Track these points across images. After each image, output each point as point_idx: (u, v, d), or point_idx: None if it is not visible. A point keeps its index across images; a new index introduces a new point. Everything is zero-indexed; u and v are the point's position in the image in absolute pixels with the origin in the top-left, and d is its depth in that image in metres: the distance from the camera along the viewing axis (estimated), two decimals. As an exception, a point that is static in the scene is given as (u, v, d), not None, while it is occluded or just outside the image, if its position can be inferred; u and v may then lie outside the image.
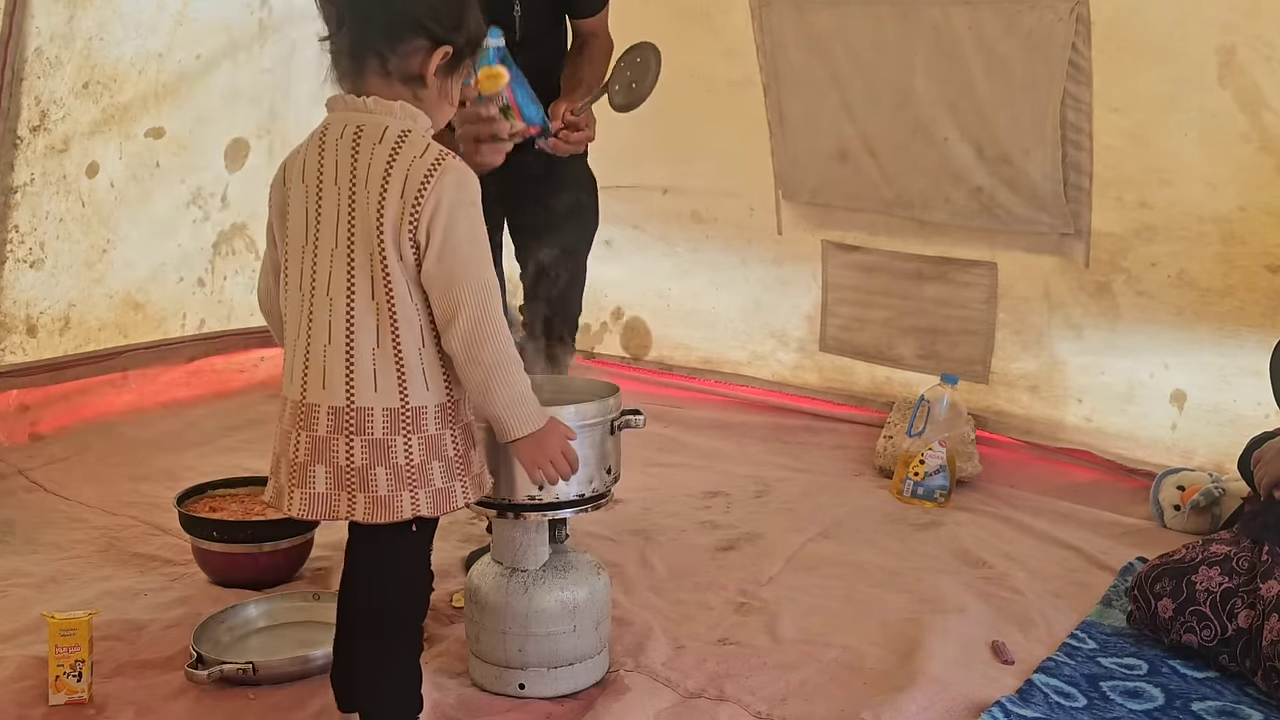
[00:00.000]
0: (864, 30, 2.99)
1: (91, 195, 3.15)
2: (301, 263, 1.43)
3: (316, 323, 1.42)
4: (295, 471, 1.44)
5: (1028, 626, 2.12)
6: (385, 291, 1.39)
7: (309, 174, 1.43)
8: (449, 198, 1.38)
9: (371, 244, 1.39)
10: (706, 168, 3.49)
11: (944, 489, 2.81)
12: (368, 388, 1.40)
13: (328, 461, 1.42)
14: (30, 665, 1.85)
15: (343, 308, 1.40)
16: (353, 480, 1.42)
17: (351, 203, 1.40)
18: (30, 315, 3.08)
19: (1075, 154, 2.77)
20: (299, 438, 1.43)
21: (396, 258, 1.39)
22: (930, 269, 3.15)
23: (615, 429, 1.84)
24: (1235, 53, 2.50)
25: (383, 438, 1.41)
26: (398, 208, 1.37)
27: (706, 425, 3.36)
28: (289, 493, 1.45)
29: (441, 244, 1.38)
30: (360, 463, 1.41)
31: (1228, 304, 2.69)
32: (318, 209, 1.42)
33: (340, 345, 1.40)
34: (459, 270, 1.39)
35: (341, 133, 1.42)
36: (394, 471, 1.41)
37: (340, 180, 1.40)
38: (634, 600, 2.19)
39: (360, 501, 1.42)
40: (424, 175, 1.38)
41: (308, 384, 1.42)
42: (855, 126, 3.10)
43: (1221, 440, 2.70)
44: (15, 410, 3.01)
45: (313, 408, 1.42)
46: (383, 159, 1.38)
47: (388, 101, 1.42)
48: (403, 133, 1.41)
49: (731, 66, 3.28)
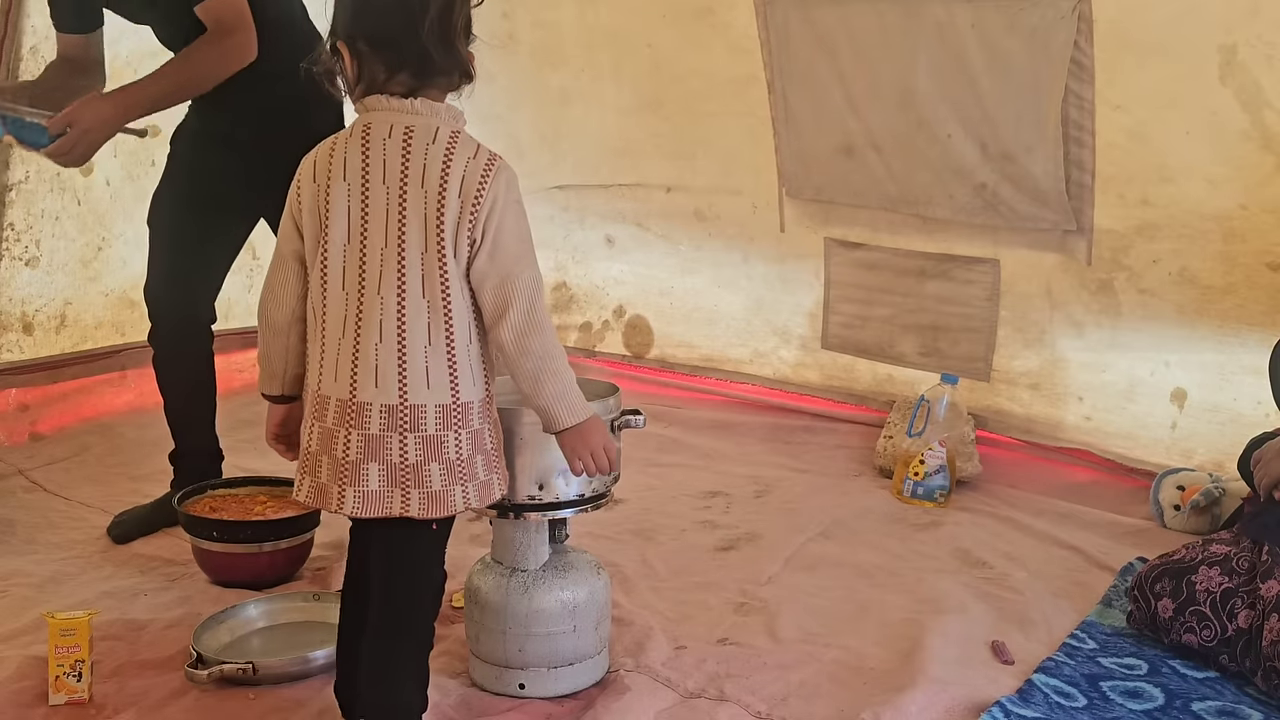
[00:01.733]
0: (868, 27, 2.99)
1: (87, 193, 3.15)
2: (345, 261, 1.44)
3: (366, 321, 1.43)
4: (345, 470, 1.44)
5: (1028, 626, 2.12)
6: (442, 289, 1.42)
7: (351, 172, 1.44)
8: (503, 197, 1.43)
9: (425, 242, 1.42)
10: (710, 165, 3.49)
11: (944, 489, 2.81)
12: (420, 385, 1.43)
13: (381, 459, 1.43)
14: (30, 665, 1.85)
15: (394, 306, 1.42)
16: (407, 477, 1.44)
17: (402, 201, 1.42)
18: (26, 313, 3.08)
19: (1077, 151, 2.77)
20: (348, 436, 1.44)
21: (453, 255, 1.42)
22: (932, 266, 3.14)
23: (615, 429, 1.84)
24: (1236, 51, 2.49)
25: (435, 434, 1.44)
26: (456, 206, 1.41)
27: (706, 425, 3.36)
28: (338, 491, 1.45)
29: (494, 241, 1.42)
30: (414, 459, 1.43)
31: (1229, 302, 2.69)
32: (363, 207, 1.43)
33: (392, 343, 1.42)
34: (512, 265, 1.43)
35: (389, 132, 1.43)
36: (446, 466, 1.45)
37: (389, 179, 1.42)
38: (634, 600, 2.19)
39: (415, 497, 1.44)
40: (480, 175, 1.42)
41: (357, 382, 1.43)
42: (860, 123, 3.10)
43: (1221, 439, 2.70)
44: (15, 410, 3.01)
45: (364, 406, 1.43)
46: (438, 159, 1.42)
47: (434, 103, 1.45)
48: (453, 134, 1.45)
49: (735, 63, 3.28)
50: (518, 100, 3.80)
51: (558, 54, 3.65)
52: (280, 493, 2.35)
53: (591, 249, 3.85)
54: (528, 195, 4.31)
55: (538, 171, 3.85)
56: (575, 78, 3.65)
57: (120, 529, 2.44)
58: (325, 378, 1.46)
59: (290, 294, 1.52)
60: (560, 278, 3.96)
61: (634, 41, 3.48)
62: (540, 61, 3.70)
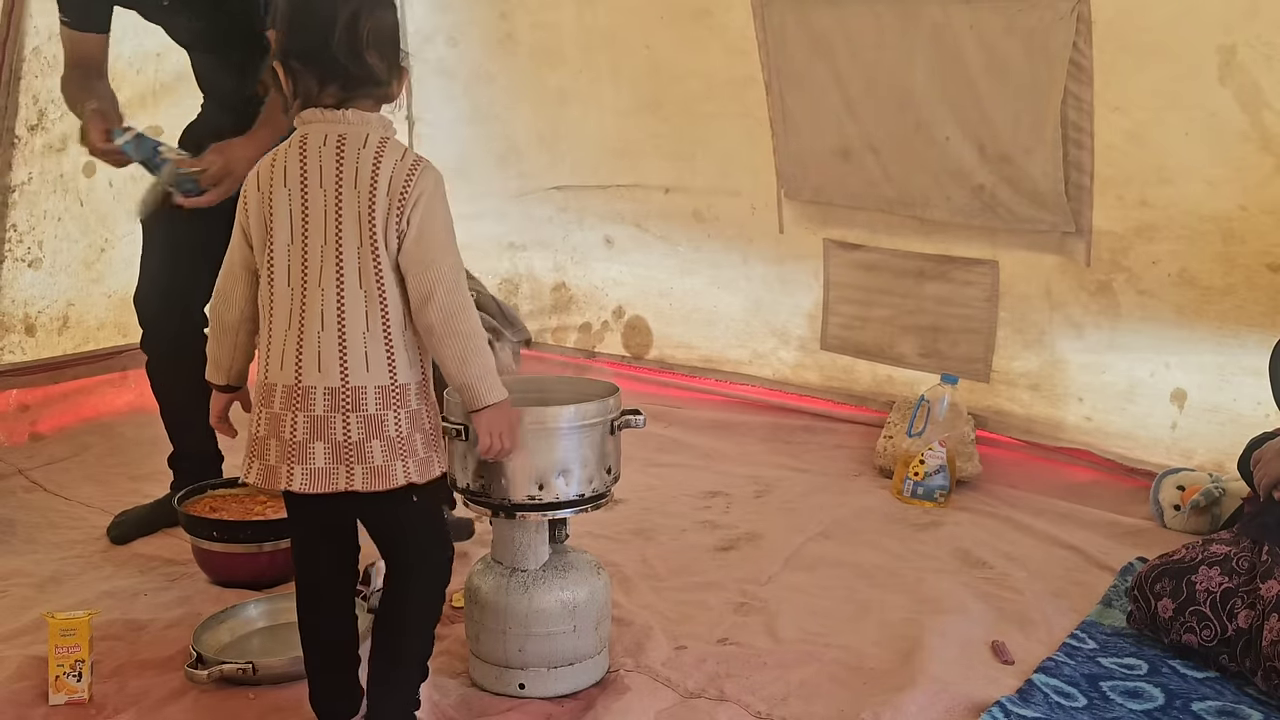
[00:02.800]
0: (865, 29, 2.99)
1: (90, 195, 3.15)
2: (289, 259, 1.55)
3: (309, 312, 1.53)
4: (293, 450, 1.53)
5: (1028, 626, 2.12)
6: (375, 278, 1.53)
7: (291, 179, 1.55)
8: (428, 191, 1.54)
9: (359, 237, 1.53)
10: (708, 167, 3.49)
11: (944, 489, 2.81)
12: (360, 368, 1.53)
13: (326, 438, 1.52)
14: (30, 665, 1.85)
15: (334, 296, 1.53)
16: (351, 453, 1.53)
17: (338, 202, 1.53)
18: (29, 314, 3.08)
19: (1076, 153, 2.77)
20: (295, 418, 1.53)
21: (384, 247, 1.53)
22: (932, 267, 3.15)
23: (615, 429, 1.85)
24: (1235, 52, 2.49)
25: (376, 413, 1.53)
26: (385, 203, 1.52)
27: (706, 425, 3.36)
28: (286, 470, 1.54)
29: (419, 229, 1.53)
30: (357, 437, 1.53)
31: (1228, 303, 2.69)
32: (304, 209, 1.54)
33: (333, 330, 1.52)
34: (436, 251, 1.54)
35: (324, 141, 1.55)
36: (387, 443, 1.54)
37: (325, 183, 1.53)
38: (634, 600, 2.19)
39: (358, 472, 1.53)
40: (407, 173, 1.54)
41: (302, 368, 1.53)
42: (858, 125, 3.10)
43: (1221, 440, 2.70)
44: (15, 410, 3.01)
45: (309, 390, 1.53)
46: (369, 162, 1.53)
47: (365, 114, 1.56)
48: (383, 139, 1.56)
49: (733, 65, 3.28)
50: (516, 101, 3.80)
51: (556, 55, 3.66)
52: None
53: (590, 250, 3.85)
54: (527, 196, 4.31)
55: (536, 172, 3.85)
56: (574, 79, 3.65)
57: (119, 530, 2.43)
58: (272, 367, 1.56)
59: (239, 297, 1.63)
60: (559, 278, 3.96)
61: (632, 43, 3.48)
62: (539, 62, 3.70)
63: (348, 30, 1.51)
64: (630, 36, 3.48)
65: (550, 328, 3.98)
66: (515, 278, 4.02)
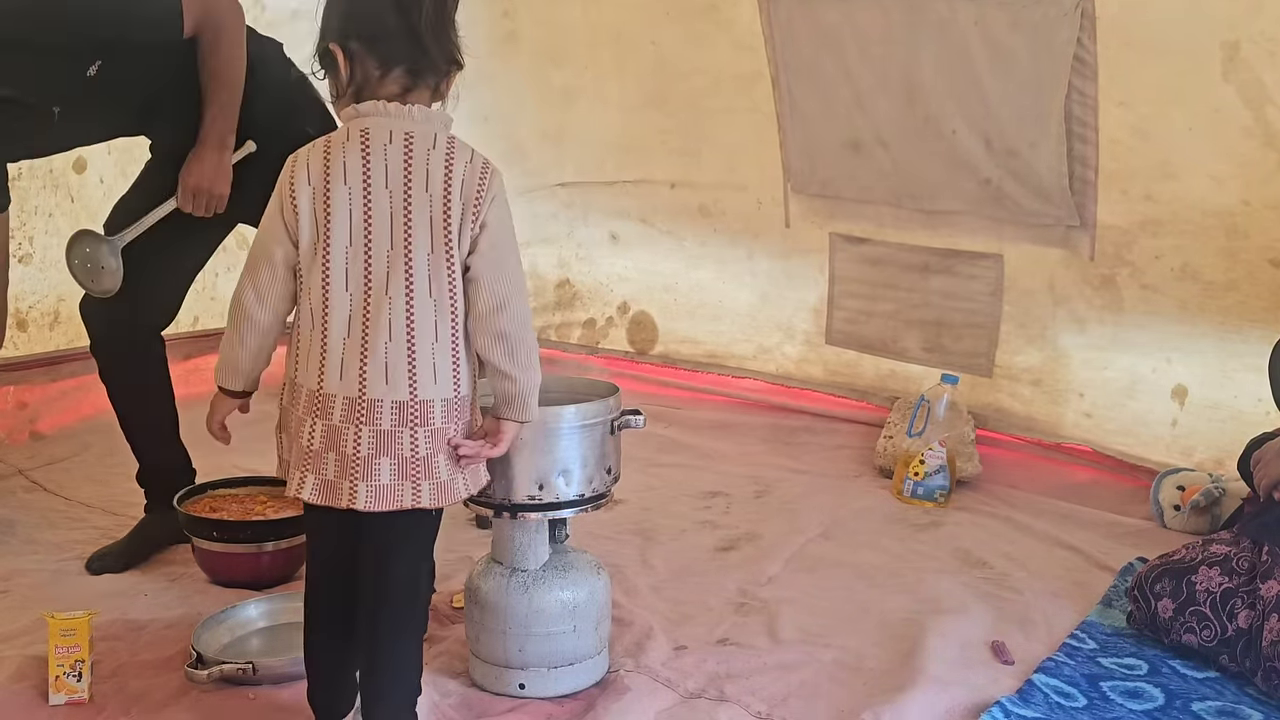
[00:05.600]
0: (871, 24, 2.99)
1: (80, 190, 3.15)
2: (347, 263, 1.47)
3: (375, 321, 1.46)
4: (356, 466, 1.47)
5: (1028, 626, 2.12)
6: (449, 287, 1.48)
7: (352, 176, 1.47)
8: (500, 195, 1.51)
9: (431, 243, 1.47)
10: (714, 162, 3.49)
11: (944, 489, 2.80)
12: (429, 381, 1.48)
13: (392, 454, 1.48)
14: (30, 665, 1.85)
15: (402, 305, 1.46)
16: (418, 469, 1.49)
17: (407, 205, 1.46)
18: (20, 310, 3.08)
19: (1081, 147, 2.77)
20: (358, 432, 1.47)
21: (458, 254, 1.48)
22: (936, 261, 3.14)
23: (615, 429, 1.84)
24: (1239, 48, 2.48)
25: (441, 426, 1.50)
26: (459, 207, 1.47)
27: (706, 425, 3.35)
28: (349, 487, 1.48)
29: (494, 234, 1.49)
30: (425, 452, 1.49)
31: (1231, 298, 2.68)
32: (366, 211, 1.47)
33: (402, 341, 1.47)
34: (509, 258, 1.51)
35: (389, 139, 1.47)
36: (450, 457, 1.52)
37: (392, 184, 1.47)
38: (634, 600, 2.19)
39: (425, 488, 1.50)
40: (479, 176, 1.49)
41: (367, 380, 1.47)
42: (867, 118, 3.09)
43: (1222, 437, 2.70)
44: (14, 408, 3.01)
45: (375, 403, 1.47)
46: (440, 164, 1.48)
47: (429, 110, 1.50)
48: (450, 139, 1.51)
49: (740, 60, 3.28)
50: (521, 98, 3.79)
51: (561, 51, 3.65)
52: (280, 493, 2.34)
53: (596, 246, 3.85)
54: (532, 193, 4.30)
55: (541, 169, 3.84)
56: (579, 75, 3.64)
57: (100, 563, 2.28)
58: (329, 377, 1.48)
59: (278, 297, 1.53)
60: (564, 274, 3.96)
61: (637, 39, 3.47)
62: (544, 59, 3.69)
63: (436, 6, 1.45)
64: (636, 32, 3.47)
65: (554, 324, 3.98)
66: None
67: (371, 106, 1.47)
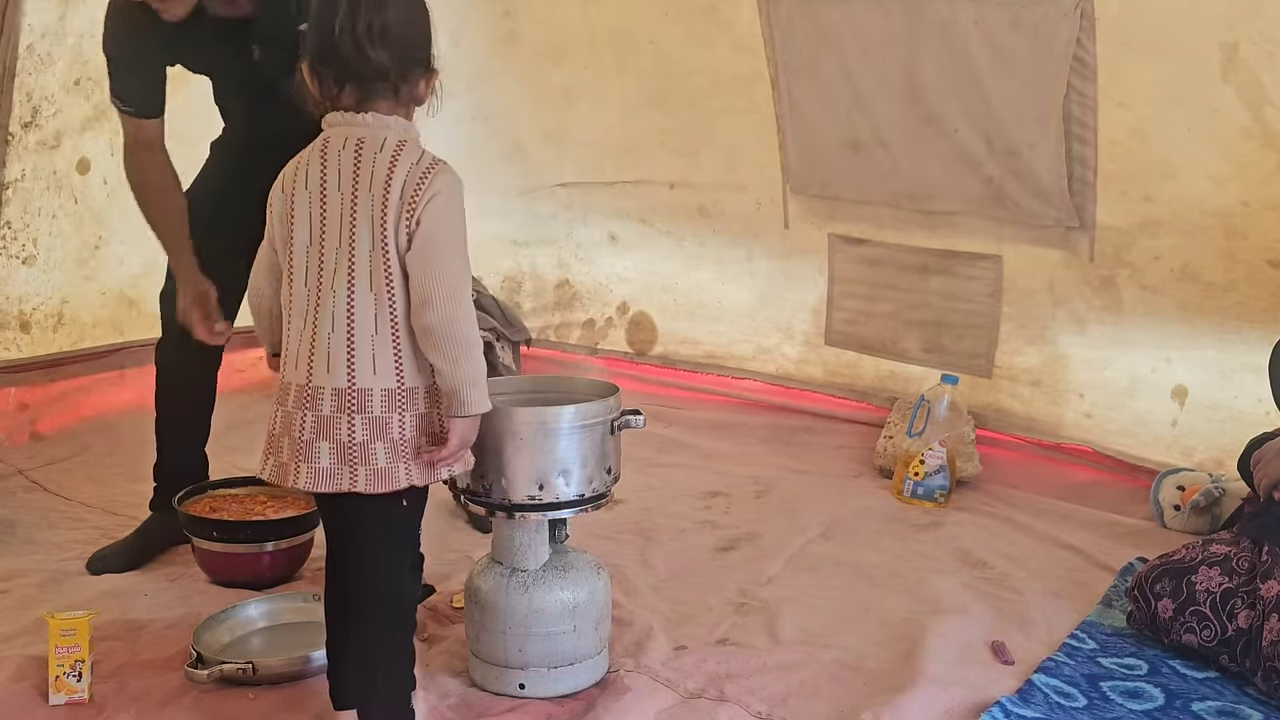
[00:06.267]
0: (872, 24, 2.99)
1: (84, 192, 3.15)
2: (307, 261, 1.57)
3: (323, 313, 1.55)
4: (301, 448, 1.56)
5: (1028, 626, 2.12)
6: (386, 282, 1.53)
7: (312, 182, 1.57)
8: (440, 195, 1.54)
9: (371, 239, 1.53)
10: (714, 162, 3.49)
11: (944, 489, 2.80)
12: (367, 370, 1.54)
13: (331, 438, 1.54)
14: (30, 665, 1.85)
15: (344, 298, 1.54)
16: (355, 455, 1.54)
17: (354, 205, 1.54)
18: (23, 311, 3.08)
19: (1080, 148, 2.77)
20: (304, 417, 1.55)
21: (394, 250, 1.53)
22: (936, 262, 3.14)
23: (615, 429, 1.84)
24: (1238, 49, 2.49)
25: (381, 415, 1.54)
26: (397, 204, 1.52)
27: (706, 425, 3.36)
28: (295, 468, 1.56)
29: (426, 231, 1.52)
30: (361, 438, 1.54)
31: (1230, 299, 2.68)
32: (322, 212, 1.56)
33: (342, 332, 1.54)
34: (442, 253, 1.53)
35: (343, 144, 1.56)
36: (391, 446, 1.55)
37: (343, 186, 1.55)
38: (634, 600, 2.19)
39: (361, 474, 1.54)
40: (421, 174, 1.54)
41: (313, 369, 1.55)
42: (867, 118, 3.10)
43: (1222, 437, 2.70)
44: (14, 409, 3.01)
45: (318, 390, 1.55)
46: (385, 164, 1.53)
47: (385, 116, 1.57)
48: (400, 142, 1.56)
49: (739, 61, 3.28)
50: (520, 98, 3.79)
51: (561, 51, 3.65)
52: (280, 493, 2.35)
53: (595, 246, 3.85)
54: (531, 193, 4.29)
55: (541, 169, 3.84)
56: (578, 75, 3.64)
57: (101, 563, 2.28)
58: (288, 366, 1.59)
59: (269, 295, 1.68)
60: (563, 275, 3.96)
61: (637, 39, 3.47)
62: (543, 59, 3.69)
63: (347, 26, 1.52)
64: (636, 32, 3.48)
65: (554, 325, 3.97)
66: (518, 275, 4.02)
67: (334, 117, 1.58)
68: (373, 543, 1.61)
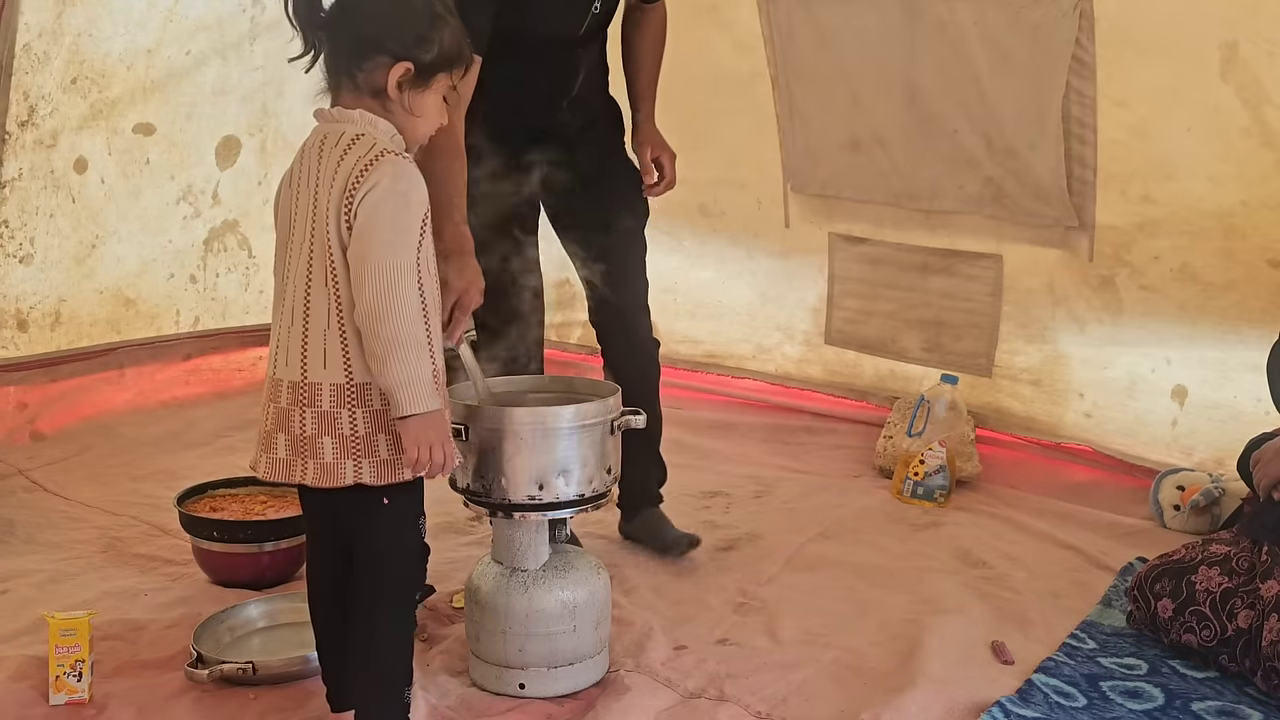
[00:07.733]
0: (871, 24, 3.00)
1: (81, 191, 3.15)
2: (284, 257, 1.60)
3: (285, 307, 1.58)
4: (264, 439, 1.59)
5: (1028, 626, 2.12)
6: (332, 275, 1.53)
7: (293, 180, 1.60)
8: (381, 186, 1.50)
9: (327, 234, 1.53)
10: (714, 161, 3.48)
11: (944, 489, 2.80)
12: (318, 364, 1.54)
13: (287, 430, 1.56)
14: (30, 665, 1.85)
15: (302, 292, 1.55)
16: (305, 448, 1.55)
17: (314, 200, 1.55)
18: (21, 310, 3.08)
19: (1079, 148, 2.77)
20: (269, 409, 1.59)
21: (339, 243, 1.52)
22: (936, 261, 3.15)
23: (615, 429, 1.84)
24: (1237, 48, 2.49)
25: (330, 410, 1.54)
26: (338, 200, 1.51)
27: (706, 425, 3.35)
28: (259, 457, 1.60)
29: (364, 223, 1.49)
30: (310, 432, 1.54)
31: (1229, 298, 2.68)
32: (294, 209, 1.58)
33: (299, 326, 1.55)
34: (375, 248, 1.49)
35: (316, 141, 1.58)
36: (340, 442, 1.54)
37: (308, 183, 1.56)
38: (634, 600, 2.19)
39: (310, 467, 1.54)
40: (364, 168, 1.50)
41: (276, 362, 1.58)
42: (867, 117, 3.10)
43: (1221, 437, 2.70)
44: (14, 409, 3.01)
45: (277, 382, 1.58)
46: (336, 158, 1.53)
47: (348, 110, 1.56)
48: (357, 136, 1.54)
49: (740, 60, 3.28)
50: (519, 97, 3.79)
51: (559, 51, 3.64)
52: (280, 492, 2.35)
53: (593, 246, 3.84)
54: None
55: (539, 169, 3.84)
56: (577, 75, 3.64)
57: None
58: (268, 359, 1.62)
59: None
60: (563, 275, 3.95)
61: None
62: (542, 59, 3.69)
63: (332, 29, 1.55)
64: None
65: (554, 324, 3.97)
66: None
67: (317, 113, 1.59)
68: (365, 543, 1.60)
